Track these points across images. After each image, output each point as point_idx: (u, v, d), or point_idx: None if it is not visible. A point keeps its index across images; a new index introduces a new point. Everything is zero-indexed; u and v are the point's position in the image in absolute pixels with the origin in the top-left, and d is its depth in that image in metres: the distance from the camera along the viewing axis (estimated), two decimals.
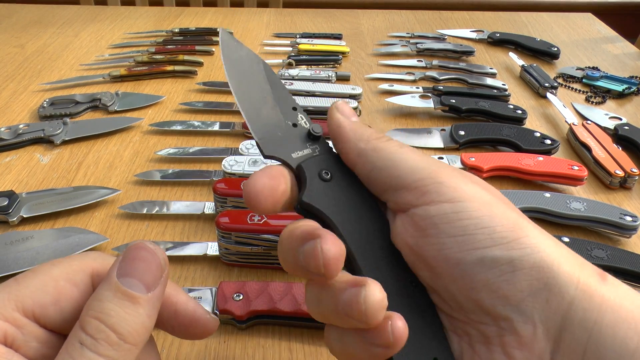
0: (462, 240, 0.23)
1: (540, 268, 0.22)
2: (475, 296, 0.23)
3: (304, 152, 0.28)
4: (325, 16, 1.02)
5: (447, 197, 0.24)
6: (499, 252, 0.22)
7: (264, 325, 0.40)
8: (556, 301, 0.22)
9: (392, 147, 0.26)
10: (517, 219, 0.23)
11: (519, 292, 0.22)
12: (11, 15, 0.98)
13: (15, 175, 0.57)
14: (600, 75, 0.79)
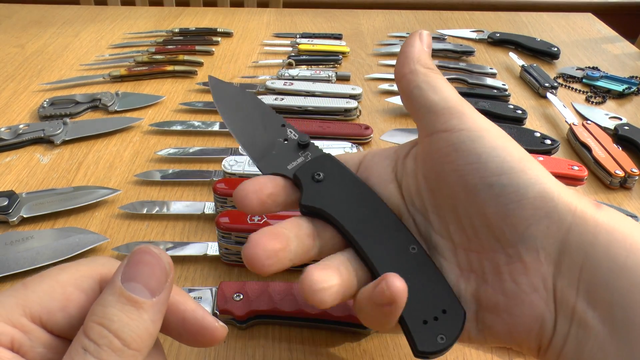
0: (477, 168, 0.26)
1: (543, 198, 0.24)
2: (487, 222, 0.26)
3: (297, 161, 0.31)
4: (325, 16, 1.02)
5: (467, 126, 0.27)
6: (508, 180, 0.25)
7: (264, 325, 0.40)
8: (556, 228, 0.24)
9: (437, 76, 0.30)
10: (524, 153, 0.26)
11: (524, 220, 0.24)
12: (11, 15, 0.98)
13: (15, 175, 0.57)
14: (601, 75, 0.79)
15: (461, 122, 0.27)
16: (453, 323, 0.25)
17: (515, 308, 0.25)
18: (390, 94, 0.73)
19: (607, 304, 0.23)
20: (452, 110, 0.28)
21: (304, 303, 0.39)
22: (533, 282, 0.25)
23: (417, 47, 0.31)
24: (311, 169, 0.30)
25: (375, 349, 0.39)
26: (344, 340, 0.40)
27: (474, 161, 0.26)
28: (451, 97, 0.29)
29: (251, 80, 0.77)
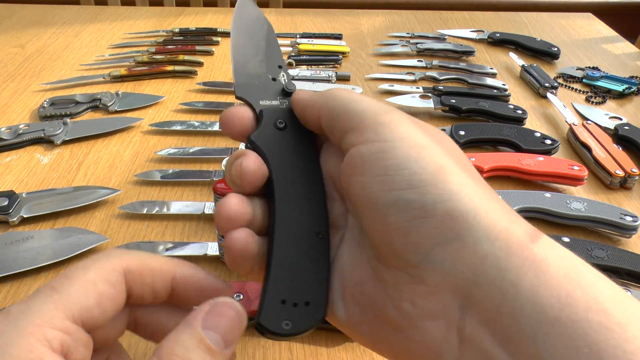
0: (382, 180, 0.23)
1: (454, 217, 0.21)
2: (388, 238, 0.23)
3: (272, 102, 0.30)
4: (325, 16, 1.02)
5: (381, 137, 0.24)
6: (413, 196, 0.22)
7: None
8: (468, 254, 0.21)
9: (348, 94, 0.27)
10: (445, 164, 0.22)
11: (428, 240, 0.21)
12: (11, 15, 0.98)
13: (16, 175, 0.57)
14: (601, 75, 0.79)
15: (376, 134, 0.24)
16: (308, 318, 0.24)
17: (409, 331, 0.22)
18: (390, 94, 0.73)
19: None
20: (368, 122, 0.24)
21: None
22: (432, 309, 0.22)
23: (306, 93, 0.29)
24: (279, 115, 0.30)
25: None
26: (344, 340, 0.40)
27: (380, 174, 0.23)
28: (368, 108, 0.25)
29: None
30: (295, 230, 0.27)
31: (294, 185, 0.28)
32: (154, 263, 0.25)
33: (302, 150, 0.29)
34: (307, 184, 0.28)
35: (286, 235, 0.26)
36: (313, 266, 0.26)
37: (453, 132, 0.62)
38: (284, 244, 0.26)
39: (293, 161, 0.29)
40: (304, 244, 0.26)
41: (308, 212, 0.27)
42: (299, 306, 0.25)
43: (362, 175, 0.24)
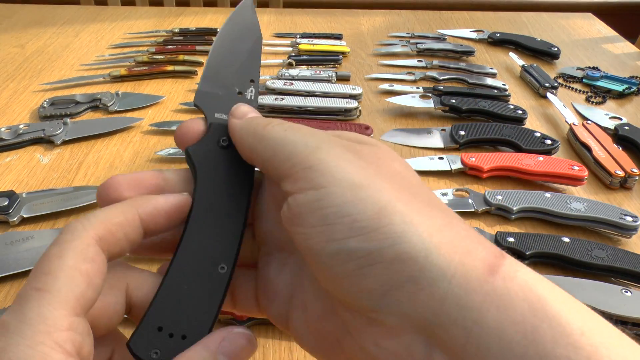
0: (322, 231, 0.22)
1: (402, 261, 0.20)
2: (338, 287, 0.22)
3: (226, 118, 0.29)
4: (325, 16, 1.02)
5: (314, 184, 0.22)
6: (356, 244, 0.21)
7: (264, 325, 0.40)
8: (424, 296, 0.20)
9: (275, 133, 0.25)
10: (385, 203, 0.21)
11: (379, 286, 0.21)
12: (11, 15, 0.98)
13: (16, 175, 0.57)
14: (601, 75, 0.79)
15: (308, 181, 0.22)
16: (178, 351, 0.23)
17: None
18: (390, 94, 0.73)
19: None
20: (297, 168, 0.23)
21: None
22: (396, 350, 0.21)
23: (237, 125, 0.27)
24: (226, 133, 0.28)
25: None
26: None
27: (319, 224, 0.22)
28: (295, 150, 0.23)
29: None
30: (197, 259, 0.25)
31: (213, 211, 0.26)
32: (118, 217, 0.24)
33: (236, 175, 0.27)
34: (229, 213, 0.26)
35: (186, 262, 0.25)
36: (203, 300, 0.24)
37: (453, 132, 0.62)
38: (180, 271, 0.25)
39: (222, 185, 0.27)
40: (202, 275, 0.25)
41: (218, 243, 0.26)
42: (174, 337, 0.23)
43: (301, 226, 0.22)
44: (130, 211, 0.24)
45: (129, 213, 0.24)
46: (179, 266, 0.25)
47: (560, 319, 0.19)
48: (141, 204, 0.25)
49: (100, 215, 0.24)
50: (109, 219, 0.24)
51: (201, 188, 0.26)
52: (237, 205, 0.27)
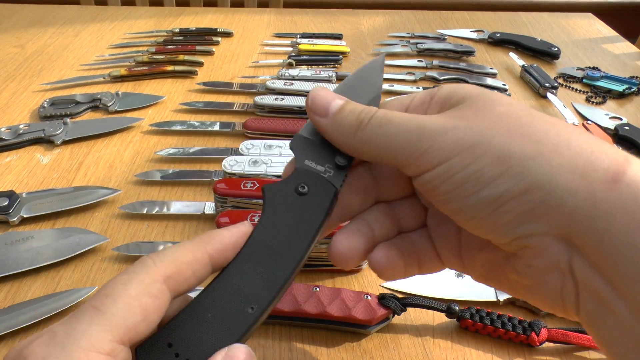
0: (456, 193, 0.25)
1: (529, 192, 0.23)
2: (482, 230, 0.25)
3: (317, 167, 0.29)
4: (325, 16, 1.02)
5: (433, 163, 0.25)
6: (487, 192, 0.24)
7: (264, 325, 0.40)
8: (555, 214, 0.23)
9: (374, 134, 0.27)
10: (500, 152, 0.24)
11: (515, 217, 0.23)
12: (11, 15, 0.98)
13: (16, 175, 0.57)
14: (601, 76, 0.79)
15: (428, 162, 0.25)
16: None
17: (529, 285, 0.25)
18: (390, 94, 0.73)
19: (637, 299, 0.21)
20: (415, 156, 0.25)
21: (304, 303, 0.39)
22: (545, 265, 0.24)
23: (327, 129, 0.28)
24: (310, 181, 0.28)
25: (375, 348, 0.39)
26: (344, 340, 0.40)
27: (450, 189, 0.25)
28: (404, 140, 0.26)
29: (251, 80, 0.77)
30: (230, 293, 0.25)
31: (264, 252, 0.26)
32: (188, 256, 0.25)
33: (303, 224, 0.27)
34: (279, 259, 0.26)
35: (219, 293, 0.25)
36: (222, 334, 0.24)
37: None
38: (210, 299, 0.25)
39: (284, 230, 0.27)
40: (229, 310, 0.25)
41: (257, 284, 0.25)
42: (178, 358, 0.23)
43: (436, 195, 0.26)
44: (199, 250, 0.25)
45: (199, 252, 0.25)
46: (210, 294, 0.25)
47: None
48: (209, 241, 0.26)
49: (171, 254, 0.24)
50: (179, 258, 0.24)
51: (262, 226, 0.27)
52: (291, 253, 0.26)
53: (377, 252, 0.29)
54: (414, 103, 0.30)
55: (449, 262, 0.31)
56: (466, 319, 0.40)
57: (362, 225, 0.30)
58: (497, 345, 0.40)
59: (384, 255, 0.29)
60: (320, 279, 0.45)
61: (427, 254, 0.31)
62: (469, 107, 0.26)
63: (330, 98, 0.29)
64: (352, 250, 0.29)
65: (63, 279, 0.45)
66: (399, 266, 0.30)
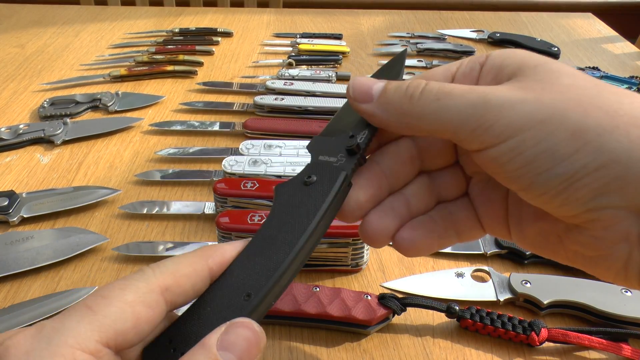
0: (527, 170, 0.24)
1: (607, 166, 0.22)
2: (552, 205, 0.24)
3: (329, 158, 0.29)
4: (325, 16, 1.02)
5: (501, 138, 0.24)
6: (563, 169, 0.23)
7: (264, 325, 0.40)
8: (634, 188, 0.22)
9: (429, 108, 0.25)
10: (574, 126, 0.23)
11: (590, 192, 0.23)
12: (11, 15, 0.98)
13: (16, 175, 0.57)
14: (601, 75, 0.79)
15: (495, 137, 0.24)
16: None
17: (593, 257, 0.25)
18: None
19: None
20: (478, 131, 0.24)
21: (304, 303, 0.39)
22: (613, 237, 0.23)
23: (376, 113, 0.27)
24: (319, 171, 0.28)
25: (375, 348, 0.39)
26: (344, 340, 0.40)
27: (521, 166, 0.24)
28: (465, 116, 0.24)
29: (251, 80, 0.77)
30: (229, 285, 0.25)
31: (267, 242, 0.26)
32: (187, 269, 0.24)
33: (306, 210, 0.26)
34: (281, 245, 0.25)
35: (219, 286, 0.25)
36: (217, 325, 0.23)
37: None
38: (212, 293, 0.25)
39: (288, 220, 0.26)
40: (227, 301, 0.24)
41: (255, 272, 0.25)
42: (175, 352, 0.23)
43: (503, 172, 0.25)
44: (199, 262, 0.25)
45: (199, 264, 0.25)
46: (212, 290, 0.25)
47: None
48: (210, 254, 0.25)
49: (171, 266, 0.24)
50: (179, 270, 0.24)
51: (268, 222, 0.26)
52: (292, 239, 0.25)
53: (403, 232, 0.29)
54: (461, 71, 0.28)
55: (493, 230, 0.30)
56: (466, 318, 0.40)
57: (399, 203, 0.29)
58: (497, 345, 0.40)
59: (409, 236, 0.29)
60: (320, 279, 0.45)
61: (467, 223, 0.30)
62: (532, 78, 0.25)
63: (371, 82, 0.28)
64: (382, 231, 0.29)
65: (63, 279, 0.45)
66: (426, 245, 0.29)
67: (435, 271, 0.46)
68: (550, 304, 0.41)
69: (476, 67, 0.28)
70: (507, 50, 0.27)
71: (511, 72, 0.26)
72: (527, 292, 0.42)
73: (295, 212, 0.26)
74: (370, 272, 0.46)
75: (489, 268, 0.45)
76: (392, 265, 0.46)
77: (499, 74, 0.26)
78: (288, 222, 0.26)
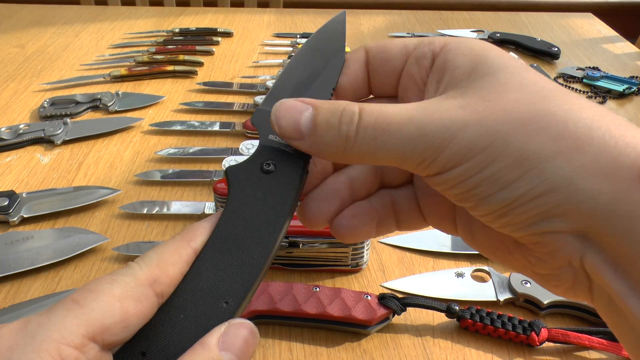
0: (472, 194, 0.23)
1: (548, 194, 0.22)
2: (496, 224, 0.24)
3: (281, 141, 0.26)
4: (325, 16, 1.02)
5: (446, 168, 0.23)
6: (505, 194, 0.23)
7: (264, 325, 0.41)
8: (573, 215, 0.22)
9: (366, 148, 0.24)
10: (518, 152, 0.22)
11: (531, 217, 0.23)
12: (12, 15, 0.98)
13: (16, 175, 0.57)
14: (601, 75, 0.79)
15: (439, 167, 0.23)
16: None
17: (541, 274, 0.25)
18: None
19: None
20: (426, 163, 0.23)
21: (304, 303, 0.39)
22: (557, 261, 0.23)
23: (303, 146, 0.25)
24: (276, 157, 0.26)
25: (375, 348, 0.39)
26: (344, 340, 0.40)
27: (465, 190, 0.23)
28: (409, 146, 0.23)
29: (251, 80, 0.77)
30: (202, 289, 0.23)
31: (233, 241, 0.24)
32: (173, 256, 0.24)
33: (274, 205, 0.25)
34: (252, 246, 0.24)
35: (189, 291, 0.23)
36: (198, 334, 0.22)
37: None
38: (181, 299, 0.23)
39: (253, 214, 0.25)
40: (202, 307, 0.23)
41: (230, 276, 0.23)
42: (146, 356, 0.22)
43: (450, 193, 0.24)
44: (183, 247, 0.24)
45: (183, 250, 0.24)
46: (181, 293, 0.23)
47: None
48: (192, 237, 0.25)
49: (157, 257, 0.24)
50: (165, 260, 0.24)
51: (230, 212, 0.25)
52: (264, 240, 0.24)
53: (341, 218, 0.28)
54: (414, 55, 0.27)
55: (436, 224, 0.29)
56: (466, 319, 0.40)
57: (341, 185, 0.28)
58: (497, 345, 0.40)
59: (348, 223, 0.28)
60: (320, 279, 0.45)
61: (409, 213, 0.29)
62: (478, 92, 0.24)
63: (297, 112, 0.25)
64: (321, 215, 0.28)
65: (63, 279, 0.45)
66: (363, 232, 0.29)
67: (435, 271, 0.46)
68: (551, 304, 0.41)
69: (429, 56, 0.26)
70: (463, 44, 0.26)
71: (459, 77, 0.25)
72: (527, 292, 0.42)
73: (260, 206, 0.25)
74: (370, 272, 0.46)
75: (489, 268, 0.45)
76: (392, 265, 0.46)
77: (447, 75, 0.25)
78: (254, 218, 0.24)
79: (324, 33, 0.30)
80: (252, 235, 0.24)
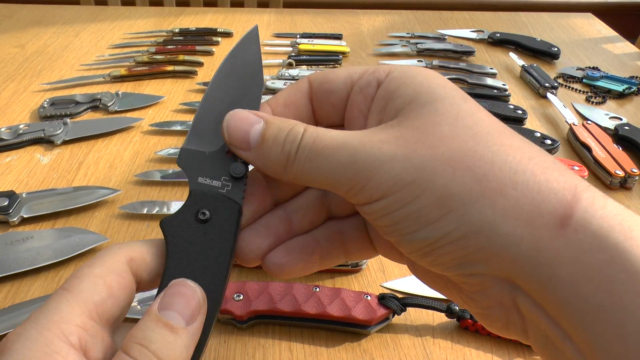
0: (395, 229, 0.23)
1: (469, 237, 0.21)
2: (422, 262, 0.24)
3: (212, 182, 0.25)
4: (325, 16, 1.02)
5: (373, 198, 0.23)
6: (426, 234, 0.22)
7: (264, 325, 0.41)
8: (496, 260, 0.21)
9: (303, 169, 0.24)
10: (441, 191, 0.22)
11: (454, 259, 0.22)
12: (11, 15, 0.98)
13: (16, 175, 0.57)
14: (601, 75, 0.79)
15: (365, 197, 0.23)
16: None
17: (480, 315, 0.25)
18: None
19: (588, 346, 0.20)
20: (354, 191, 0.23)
21: (304, 303, 0.39)
22: (488, 301, 0.23)
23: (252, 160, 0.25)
24: (207, 202, 0.25)
25: (375, 348, 0.39)
26: (344, 340, 0.40)
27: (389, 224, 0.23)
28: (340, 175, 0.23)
29: None
30: None
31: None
32: (151, 247, 0.25)
33: (214, 253, 0.24)
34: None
35: None
36: None
37: None
38: None
39: (195, 263, 0.24)
40: None
41: None
42: None
43: (378, 225, 0.24)
44: (159, 241, 0.26)
45: (159, 242, 0.25)
46: None
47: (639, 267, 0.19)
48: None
49: (133, 242, 0.25)
50: (143, 245, 0.25)
51: (172, 265, 0.24)
52: (209, 289, 0.24)
53: (273, 256, 0.27)
54: (359, 84, 0.27)
55: (386, 254, 0.29)
56: (466, 318, 0.40)
57: (276, 219, 0.28)
58: (497, 345, 0.40)
59: (278, 261, 0.27)
60: (320, 279, 0.45)
61: (358, 243, 0.29)
62: (413, 123, 0.23)
63: (248, 124, 0.25)
64: (250, 253, 0.27)
65: (63, 279, 0.45)
66: (299, 268, 0.28)
67: None
68: None
69: (373, 84, 0.26)
70: (407, 73, 0.25)
71: (400, 106, 0.24)
72: None
73: (201, 258, 0.24)
74: (370, 272, 0.46)
75: None
76: (392, 265, 0.46)
77: (390, 104, 0.25)
78: (197, 270, 0.24)
79: (238, 54, 0.29)
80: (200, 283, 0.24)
